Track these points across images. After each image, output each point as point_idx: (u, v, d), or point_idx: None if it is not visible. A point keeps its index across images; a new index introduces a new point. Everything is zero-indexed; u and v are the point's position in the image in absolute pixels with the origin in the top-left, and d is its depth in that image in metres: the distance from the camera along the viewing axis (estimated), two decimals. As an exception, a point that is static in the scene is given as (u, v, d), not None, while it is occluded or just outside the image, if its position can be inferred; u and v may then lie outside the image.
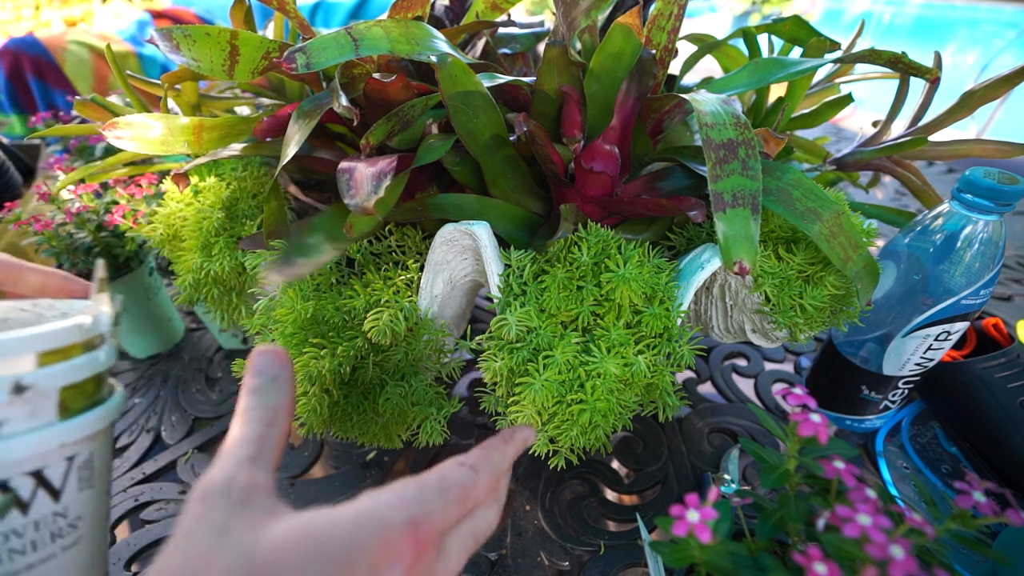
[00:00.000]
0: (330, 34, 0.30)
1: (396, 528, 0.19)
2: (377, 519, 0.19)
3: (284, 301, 0.36)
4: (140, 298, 0.58)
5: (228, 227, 0.43)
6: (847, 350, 0.47)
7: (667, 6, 0.35)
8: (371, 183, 0.29)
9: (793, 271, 0.35)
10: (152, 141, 0.37)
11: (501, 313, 0.33)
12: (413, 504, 0.20)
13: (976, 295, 0.38)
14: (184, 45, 0.33)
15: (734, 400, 0.55)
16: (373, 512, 0.19)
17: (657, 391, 0.35)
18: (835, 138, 1.13)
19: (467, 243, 0.35)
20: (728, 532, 0.22)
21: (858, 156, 0.48)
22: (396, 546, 0.19)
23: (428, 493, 0.21)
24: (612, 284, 0.32)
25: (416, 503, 0.20)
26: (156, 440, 0.52)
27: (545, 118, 0.38)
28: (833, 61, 0.40)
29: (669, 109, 0.38)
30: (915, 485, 0.44)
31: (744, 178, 0.29)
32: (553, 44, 0.35)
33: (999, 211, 0.36)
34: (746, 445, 0.27)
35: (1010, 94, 0.46)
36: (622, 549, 0.41)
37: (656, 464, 0.47)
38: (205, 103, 0.51)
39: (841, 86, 0.54)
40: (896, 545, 0.19)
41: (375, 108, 0.36)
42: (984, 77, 0.41)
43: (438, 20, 0.50)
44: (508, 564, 0.40)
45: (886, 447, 0.48)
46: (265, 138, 0.40)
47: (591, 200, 0.37)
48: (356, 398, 0.37)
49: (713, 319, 0.42)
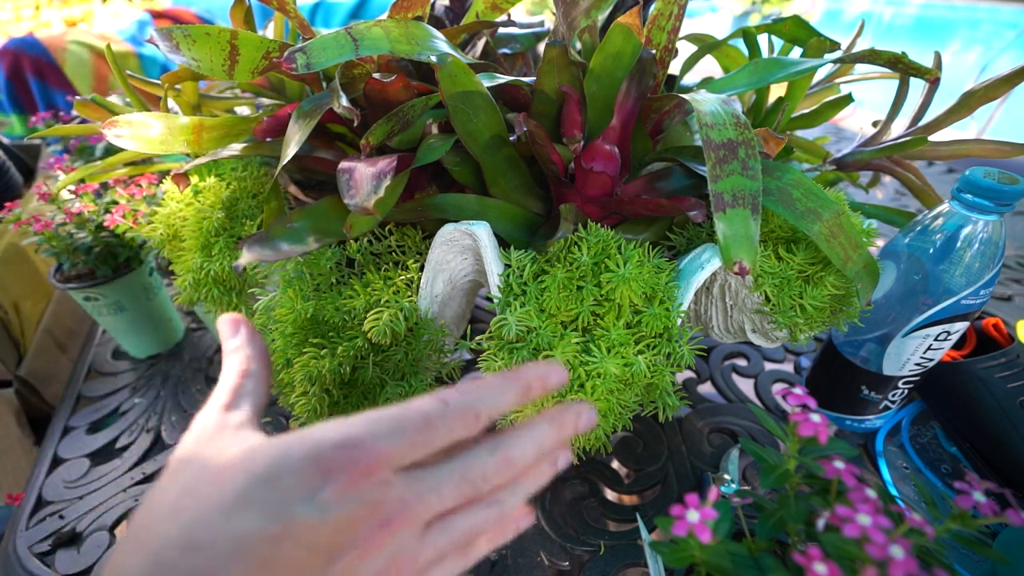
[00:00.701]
0: (330, 34, 0.30)
1: (328, 445, 0.18)
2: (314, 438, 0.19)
3: (284, 301, 0.36)
4: (140, 298, 0.58)
5: (228, 227, 0.43)
6: (847, 350, 0.47)
7: (667, 6, 0.35)
8: (371, 183, 0.29)
9: (793, 271, 0.35)
10: (152, 140, 0.37)
11: (501, 313, 0.33)
12: (357, 426, 0.19)
13: (976, 295, 0.38)
14: (184, 45, 0.33)
15: (734, 400, 0.55)
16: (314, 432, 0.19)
17: (657, 391, 0.35)
18: (835, 138, 1.12)
19: (467, 243, 0.35)
20: (728, 532, 0.22)
21: (858, 156, 0.48)
22: (328, 462, 0.18)
23: (378, 419, 0.19)
24: (612, 284, 0.32)
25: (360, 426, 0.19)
26: (156, 440, 0.52)
27: (545, 118, 0.38)
28: (833, 61, 0.40)
29: (669, 109, 0.38)
30: (915, 485, 0.44)
31: (744, 178, 0.29)
32: (553, 44, 0.35)
33: (999, 211, 0.36)
34: (746, 445, 0.27)
35: (1010, 94, 0.46)
36: (622, 549, 0.41)
37: (656, 464, 0.47)
38: (205, 103, 0.51)
39: (841, 86, 0.54)
40: (896, 545, 0.19)
41: (375, 108, 0.36)
42: (984, 77, 0.41)
43: (438, 20, 0.50)
44: (508, 564, 0.40)
45: (886, 447, 0.48)
46: (265, 138, 0.40)
47: (591, 200, 0.37)
48: (356, 398, 0.37)
49: (713, 319, 0.42)
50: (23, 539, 0.43)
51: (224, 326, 0.26)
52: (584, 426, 0.23)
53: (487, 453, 0.21)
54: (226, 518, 0.17)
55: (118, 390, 0.58)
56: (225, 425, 0.21)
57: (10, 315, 0.77)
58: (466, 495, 0.21)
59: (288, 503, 0.17)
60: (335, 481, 0.18)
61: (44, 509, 0.46)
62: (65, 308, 0.85)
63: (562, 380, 0.23)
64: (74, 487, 0.47)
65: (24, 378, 0.74)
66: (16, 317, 0.78)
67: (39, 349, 0.78)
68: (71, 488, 0.47)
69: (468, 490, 0.21)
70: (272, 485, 0.18)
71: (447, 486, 0.20)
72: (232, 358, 0.24)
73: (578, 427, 0.23)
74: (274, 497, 0.17)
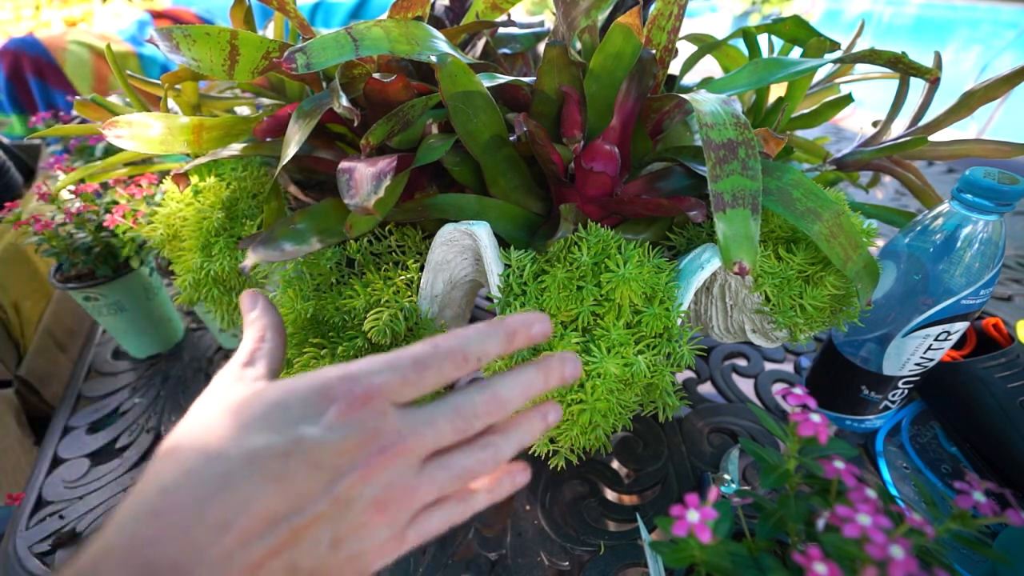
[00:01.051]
0: (330, 34, 0.30)
1: (332, 378, 0.21)
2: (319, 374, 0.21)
3: (284, 301, 0.36)
4: (140, 298, 0.58)
5: (228, 227, 0.43)
6: (847, 350, 0.47)
7: (667, 6, 0.35)
8: (371, 183, 0.29)
9: (793, 271, 0.35)
10: (152, 140, 0.37)
11: (501, 313, 0.33)
12: (356, 365, 0.21)
13: (976, 295, 0.38)
14: (184, 45, 0.33)
15: (734, 400, 0.55)
16: (319, 371, 0.21)
17: (657, 391, 0.35)
18: (835, 138, 1.12)
19: (467, 243, 0.35)
20: (728, 532, 0.22)
21: (858, 156, 0.48)
22: (331, 391, 0.20)
23: (375, 359, 0.21)
24: (612, 284, 0.32)
25: (359, 364, 0.21)
26: (156, 440, 0.52)
27: (545, 118, 0.38)
28: (833, 61, 0.40)
29: (669, 109, 0.38)
30: (915, 485, 0.44)
31: (744, 178, 0.29)
32: (553, 44, 0.35)
33: (999, 211, 0.36)
34: (746, 445, 0.27)
35: (1010, 94, 0.46)
36: (622, 549, 0.41)
37: (656, 464, 0.47)
38: (205, 103, 0.51)
39: (841, 86, 0.54)
40: (896, 545, 0.19)
41: (375, 108, 0.36)
42: (984, 77, 0.41)
43: (438, 20, 0.50)
44: (508, 564, 0.40)
45: (886, 447, 0.48)
46: (265, 138, 0.40)
47: (591, 200, 0.37)
48: (356, 398, 0.37)
49: (713, 319, 0.42)
50: (23, 539, 0.43)
51: (244, 300, 0.28)
52: (569, 374, 0.24)
53: (476, 391, 0.23)
54: (243, 435, 0.19)
55: (118, 390, 0.58)
56: (242, 377, 0.23)
57: (10, 315, 0.77)
58: (460, 431, 0.22)
59: (296, 424, 0.19)
60: (337, 406, 0.20)
61: (44, 509, 0.46)
62: (65, 308, 0.85)
63: (546, 332, 0.24)
64: (74, 487, 0.47)
65: (24, 378, 0.74)
66: (16, 317, 0.78)
67: (39, 349, 0.78)
68: (71, 488, 0.47)
69: (461, 424, 0.22)
70: (282, 409, 0.20)
71: (440, 420, 0.22)
72: (251, 328, 0.27)
73: (563, 374, 0.24)
74: (284, 419, 0.20)
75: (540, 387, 0.24)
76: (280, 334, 0.27)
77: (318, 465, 0.19)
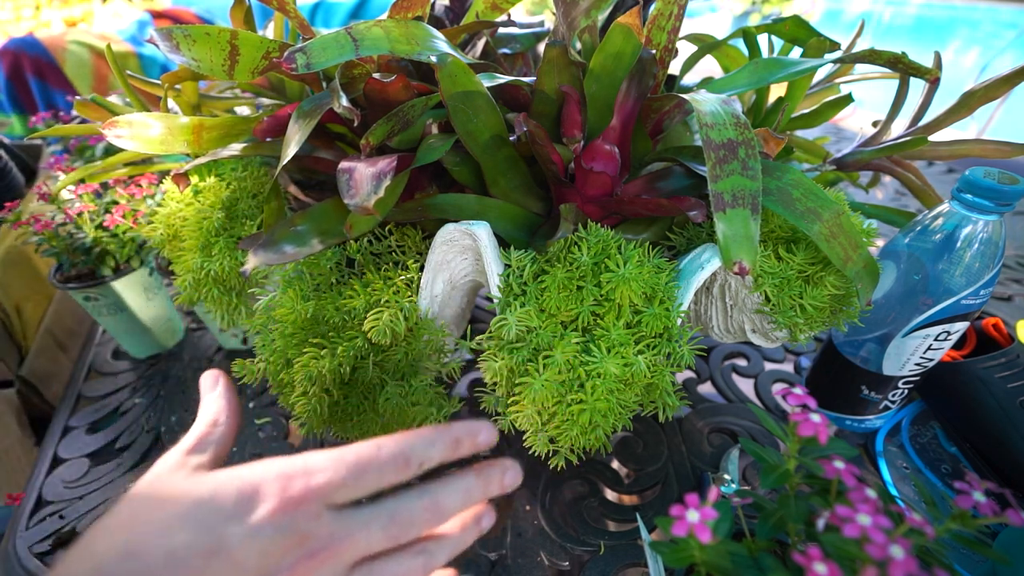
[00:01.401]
0: (330, 34, 0.30)
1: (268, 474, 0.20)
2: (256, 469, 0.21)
3: (284, 301, 0.36)
4: (140, 298, 0.58)
5: (228, 227, 0.43)
6: (847, 350, 0.47)
7: (667, 6, 0.35)
8: (371, 183, 0.29)
9: (793, 271, 0.35)
10: (152, 140, 0.37)
11: (501, 313, 0.33)
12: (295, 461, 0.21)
13: (976, 295, 0.38)
14: (184, 45, 0.33)
15: (734, 400, 0.55)
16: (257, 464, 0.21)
17: (657, 391, 0.35)
18: (835, 138, 1.12)
19: (467, 243, 0.35)
20: (728, 532, 0.22)
21: (858, 156, 0.48)
22: (264, 489, 0.20)
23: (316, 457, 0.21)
24: (612, 284, 0.32)
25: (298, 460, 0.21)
26: (156, 440, 0.52)
27: (545, 118, 0.38)
28: (833, 61, 0.40)
29: (669, 109, 0.38)
30: (915, 485, 0.44)
31: (744, 178, 0.29)
32: (553, 44, 0.35)
33: (999, 211, 0.36)
34: (746, 445, 0.27)
35: (1010, 94, 0.46)
36: (622, 549, 0.41)
37: (656, 464, 0.47)
38: (205, 103, 0.51)
39: (841, 86, 0.54)
40: (896, 545, 0.19)
41: (375, 108, 0.36)
42: (984, 77, 0.41)
43: (438, 20, 0.50)
44: (508, 564, 0.40)
45: (886, 447, 0.48)
46: (265, 138, 0.40)
47: (591, 200, 0.37)
48: (356, 398, 0.37)
49: (713, 319, 0.42)
50: (23, 539, 0.43)
51: (205, 380, 0.28)
52: (509, 483, 0.24)
53: (416, 497, 0.22)
54: (164, 533, 0.19)
55: (118, 390, 0.58)
56: (184, 465, 0.22)
57: (12, 317, 0.77)
58: (394, 537, 0.22)
59: (224, 522, 0.19)
60: (268, 505, 0.19)
61: (44, 509, 0.46)
62: (65, 308, 0.85)
63: (491, 440, 0.24)
64: (74, 487, 0.47)
65: (25, 378, 0.74)
66: (18, 319, 0.78)
67: (40, 349, 0.78)
68: (71, 488, 0.47)
69: (396, 531, 0.22)
70: (211, 506, 0.19)
71: (375, 525, 0.21)
72: (206, 410, 0.26)
73: (503, 483, 0.24)
74: (212, 516, 0.19)
75: (480, 496, 0.24)
76: (235, 417, 0.26)
77: (242, 567, 0.19)
